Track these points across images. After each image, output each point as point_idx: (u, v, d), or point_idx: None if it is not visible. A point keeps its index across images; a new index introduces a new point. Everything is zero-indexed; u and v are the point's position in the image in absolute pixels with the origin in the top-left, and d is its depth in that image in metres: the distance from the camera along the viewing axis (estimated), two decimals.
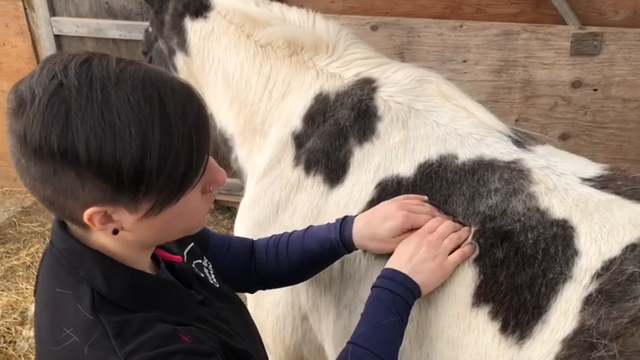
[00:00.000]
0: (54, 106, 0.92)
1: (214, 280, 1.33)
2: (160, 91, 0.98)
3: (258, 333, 1.39)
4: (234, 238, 1.57)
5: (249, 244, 1.55)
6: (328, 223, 1.49)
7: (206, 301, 1.20)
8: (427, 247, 1.33)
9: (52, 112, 0.92)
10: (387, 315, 1.26)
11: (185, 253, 1.31)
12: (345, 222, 1.45)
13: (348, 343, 1.26)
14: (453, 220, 1.39)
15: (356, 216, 1.45)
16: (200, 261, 1.34)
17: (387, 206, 1.43)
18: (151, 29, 2.27)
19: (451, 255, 1.32)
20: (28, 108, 0.93)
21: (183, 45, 2.05)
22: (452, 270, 1.32)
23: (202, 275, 1.31)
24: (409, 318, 1.31)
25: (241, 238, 1.59)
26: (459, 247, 1.34)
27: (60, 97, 0.93)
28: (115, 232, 1.03)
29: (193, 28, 2.01)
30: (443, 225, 1.36)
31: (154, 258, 1.20)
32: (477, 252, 1.31)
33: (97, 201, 0.98)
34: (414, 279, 1.30)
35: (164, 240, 1.17)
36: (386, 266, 1.35)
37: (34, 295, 1.18)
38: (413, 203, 1.42)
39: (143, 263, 1.14)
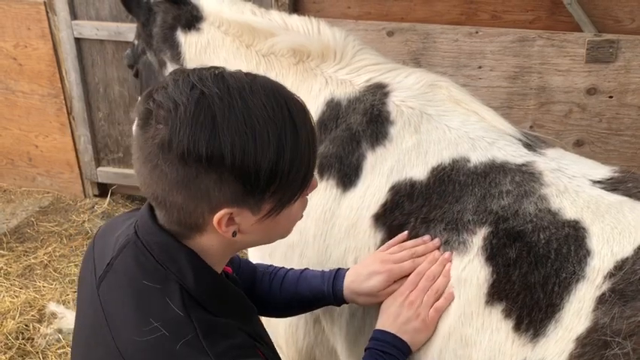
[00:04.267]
0: (200, 113, 0.99)
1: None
2: (287, 100, 1.07)
3: None
4: (242, 258, 1.62)
5: (253, 268, 1.61)
6: (323, 272, 1.54)
7: None
8: (408, 306, 1.39)
9: (199, 119, 0.99)
10: None
11: None
12: (338, 276, 1.50)
13: None
14: (440, 241, 1.42)
15: (347, 270, 1.51)
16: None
17: (370, 262, 1.48)
18: (137, 42, 2.25)
19: (430, 311, 1.37)
20: (173, 116, 0.99)
21: (177, 58, 2.03)
22: (434, 325, 1.37)
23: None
24: None
25: (246, 260, 1.64)
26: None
27: (205, 105, 1.00)
28: (234, 234, 1.09)
29: (187, 41, 2.00)
30: (422, 281, 1.40)
31: None
32: (453, 299, 1.36)
33: (228, 203, 1.05)
34: (402, 338, 1.36)
35: (264, 243, 1.23)
36: (375, 328, 1.41)
37: (96, 283, 1.17)
38: (394, 252, 1.46)
39: (221, 268, 1.19)
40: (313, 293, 1.51)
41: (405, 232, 1.48)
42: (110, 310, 1.13)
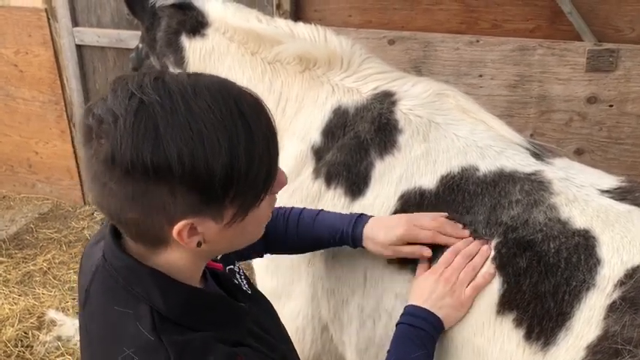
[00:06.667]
0: (141, 123, 0.93)
1: (246, 286, 1.34)
2: (236, 98, 1.00)
3: (289, 336, 1.40)
4: None
5: None
6: (342, 214, 1.55)
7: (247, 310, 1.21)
8: (444, 282, 1.38)
9: (140, 130, 0.92)
10: (414, 349, 1.31)
11: (218, 259, 1.32)
12: (360, 219, 1.51)
13: None
14: (471, 234, 1.42)
15: (370, 217, 1.52)
16: (232, 266, 1.35)
17: (397, 217, 1.49)
18: (141, 46, 2.25)
19: (467, 289, 1.36)
20: (113, 129, 0.93)
21: (181, 63, 2.03)
22: (470, 303, 1.36)
23: (236, 282, 1.32)
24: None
25: None
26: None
27: (145, 114, 0.93)
28: (199, 244, 1.03)
29: (192, 47, 1.99)
30: (457, 258, 1.40)
31: None
32: (494, 276, 1.34)
33: (186, 214, 0.98)
34: (436, 314, 1.35)
35: (234, 249, 1.18)
36: (407, 303, 1.40)
37: (80, 310, 1.16)
38: (423, 217, 1.46)
39: (197, 277, 1.15)
40: (331, 233, 1.53)
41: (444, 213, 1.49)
42: (92, 337, 1.11)
